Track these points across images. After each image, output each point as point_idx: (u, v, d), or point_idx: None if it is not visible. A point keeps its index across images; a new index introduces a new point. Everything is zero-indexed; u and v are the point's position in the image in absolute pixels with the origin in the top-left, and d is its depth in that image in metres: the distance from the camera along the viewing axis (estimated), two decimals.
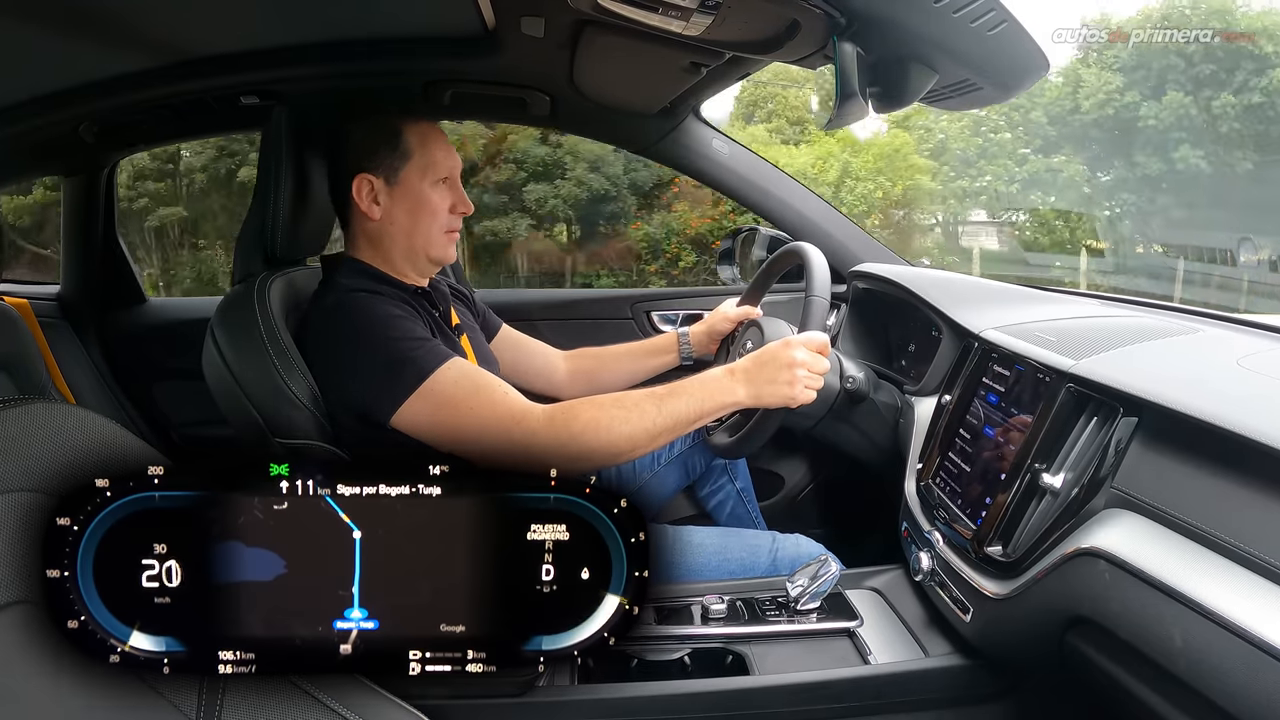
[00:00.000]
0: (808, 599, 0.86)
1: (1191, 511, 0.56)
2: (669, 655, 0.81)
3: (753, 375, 0.86)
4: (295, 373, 0.89)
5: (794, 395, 0.86)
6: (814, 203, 1.46)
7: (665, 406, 0.83)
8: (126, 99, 1.19)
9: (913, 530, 0.91)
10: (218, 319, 0.93)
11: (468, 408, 0.82)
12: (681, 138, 1.40)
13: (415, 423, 0.83)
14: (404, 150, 0.93)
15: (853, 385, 1.07)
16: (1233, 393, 0.64)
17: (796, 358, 0.85)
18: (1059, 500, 0.68)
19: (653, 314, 1.57)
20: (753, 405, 0.88)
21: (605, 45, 1.03)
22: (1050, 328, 0.87)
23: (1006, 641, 0.76)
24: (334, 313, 0.89)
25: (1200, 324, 0.93)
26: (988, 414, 0.85)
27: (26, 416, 0.44)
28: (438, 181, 0.95)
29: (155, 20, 0.99)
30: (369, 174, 0.93)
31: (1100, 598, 0.60)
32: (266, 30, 1.07)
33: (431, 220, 0.95)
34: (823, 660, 0.82)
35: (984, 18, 0.67)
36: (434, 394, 0.82)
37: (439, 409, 0.83)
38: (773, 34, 0.84)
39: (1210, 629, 0.49)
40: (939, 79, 0.80)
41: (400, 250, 0.96)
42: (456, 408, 0.82)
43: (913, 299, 1.12)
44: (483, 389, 0.84)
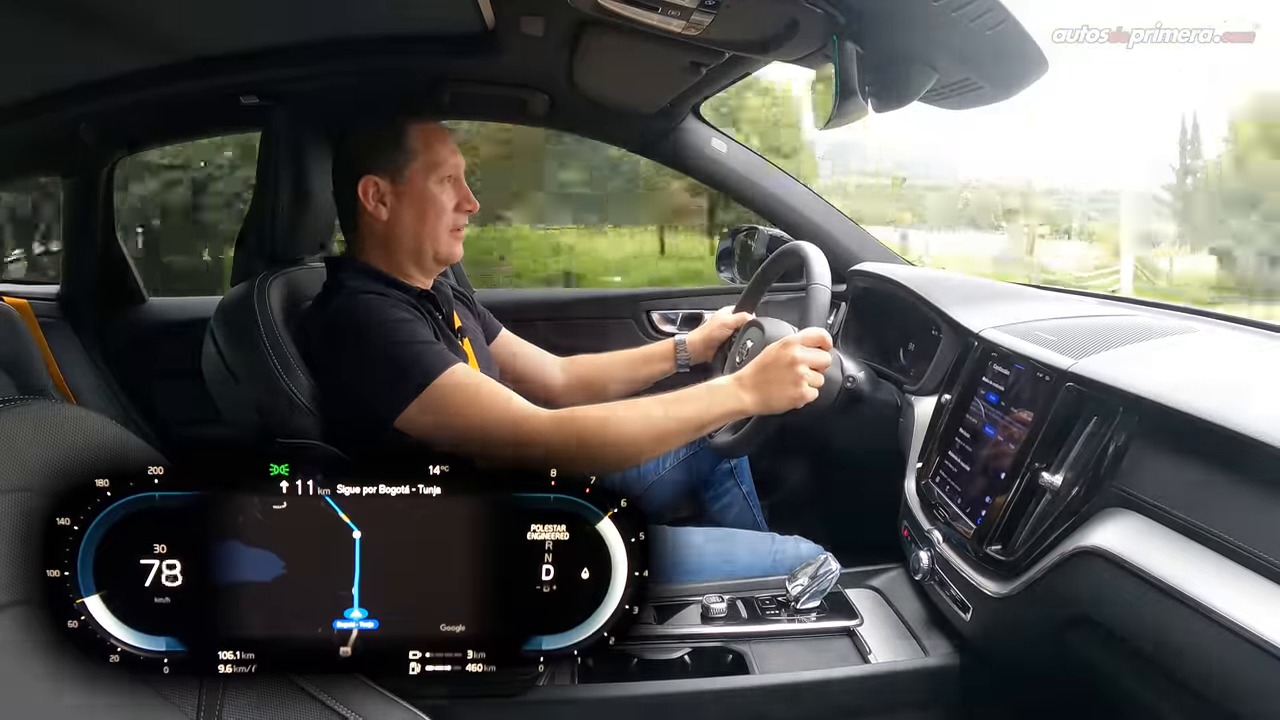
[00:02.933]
0: (808, 598, 0.86)
1: (1191, 510, 0.56)
2: (669, 654, 0.81)
3: (759, 381, 0.86)
4: (295, 372, 0.89)
5: (801, 394, 0.85)
6: (813, 202, 1.46)
7: (672, 412, 0.83)
8: (126, 99, 1.19)
9: (913, 529, 0.91)
10: (218, 319, 0.93)
11: (472, 411, 0.83)
12: (681, 137, 1.40)
13: (419, 425, 0.84)
14: (409, 150, 0.94)
15: (852, 384, 1.07)
16: (1232, 392, 0.64)
17: (798, 356, 0.85)
18: (1059, 499, 0.68)
19: (653, 313, 1.57)
20: (762, 411, 0.87)
21: (605, 45, 1.03)
22: (1050, 327, 0.87)
23: (1006, 640, 0.76)
24: (340, 313, 0.89)
25: (1200, 323, 0.93)
26: (987, 413, 0.85)
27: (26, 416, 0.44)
28: (443, 180, 0.95)
29: (155, 20, 0.98)
30: (375, 175, 0.93)
31: (1100, 597, 0.60)
32: (266, 30, 1.07)
33: (438, 219, 0.95)
34: (822, 659, 0.82)
35: (983, 17, 0.67)
36: (439, 397, 0.83)
37: (444, 412, 0.83)
38: (772, 33, 0.84)
39: (1209, 627, 0.49)
40: (939, 78, 0.80)
41: (407, 250, 0.96)
42: (461, 411, 0.83)
43: (912, 298, 1.12)
44: (487, 393, 0.84)
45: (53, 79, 1.15)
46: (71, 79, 1.16)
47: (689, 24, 0.82)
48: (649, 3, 0.78)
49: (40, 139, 1.33)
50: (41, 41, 0.98)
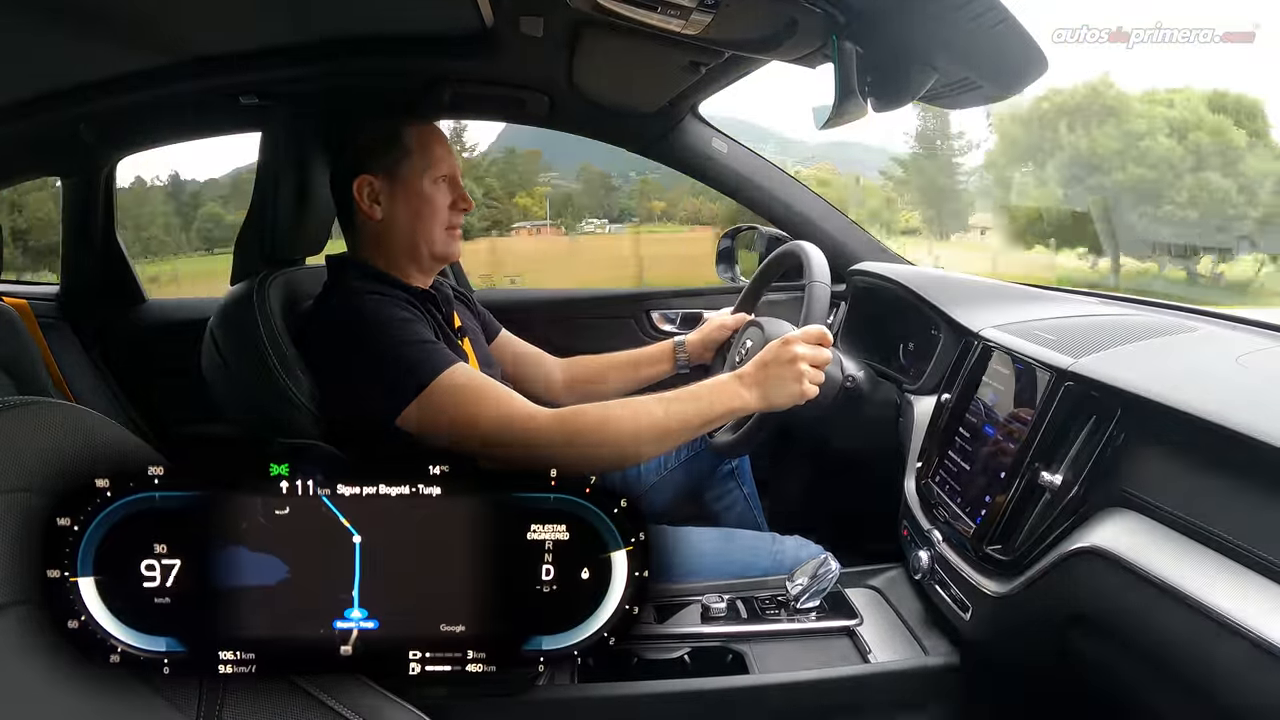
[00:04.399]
0: (807, 598, 0.86)
1: (1190, 509, 0.56)
2: (669, 654, 0.81)
3: (760, 379, 0.86)
4: (295, 372, 0.89)
5: (802, 391, 0.85)
6: (813, 202, 1.46)
7: (673, 410, 0.83)
8: (126, 99, 1.19)
9: (912, 529, 0.91)
10: (217, 319, 0.93)
11: (473, 410, 0.83)
12: (681, 137, 1.40)
13: (420, 424, 0.84)
14: (404, 150, 0.94)
15: (852, 384, 1.07)
16: (1231, 391, 0.64)
17: (799, 353, 0.85)
18: (1058, 499, 0.68)
19: (652, 313, 1.57)
20: (764, 408, 0.87)
21: (604, 44, 1.03)
22: (1049, 326, 0.87)
23: (1006, 640, 0.76)
24: (341, 313, 0.89)
25: (1199, 322, 0.93)
26: (987, 412, 0.85)
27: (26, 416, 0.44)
28: (438, 179, 0.96)
29: (155, 20, 0.98)
30: (369, 175, 0.93)
31: (1099, 596, 0.60)
32: (266, 30, 1.07)
33: (433, 218, 0.96)
34: (822, 659, 0.82)
35: (982, 16, 0.67)
36: (440, 396, 0.83)
37: (445, 410, 0.83)
38: (771, 33, 0.84)
39: (1209, 626, 0.50)
40: (938, 77, 0.80)
41: (404, 249, 0.96)
42: (462, 410, 0.83)
43: (912, 298, 1.12)
44: (489, 392, 0.84)
45: (53, 79, 1.15)
46: (71, 79, 1.16)
47: (688, 23, 0.82)
48: (648, 2, 0.78)
49: (40, 139, 1.33)
50: (41, 41, 0.98)
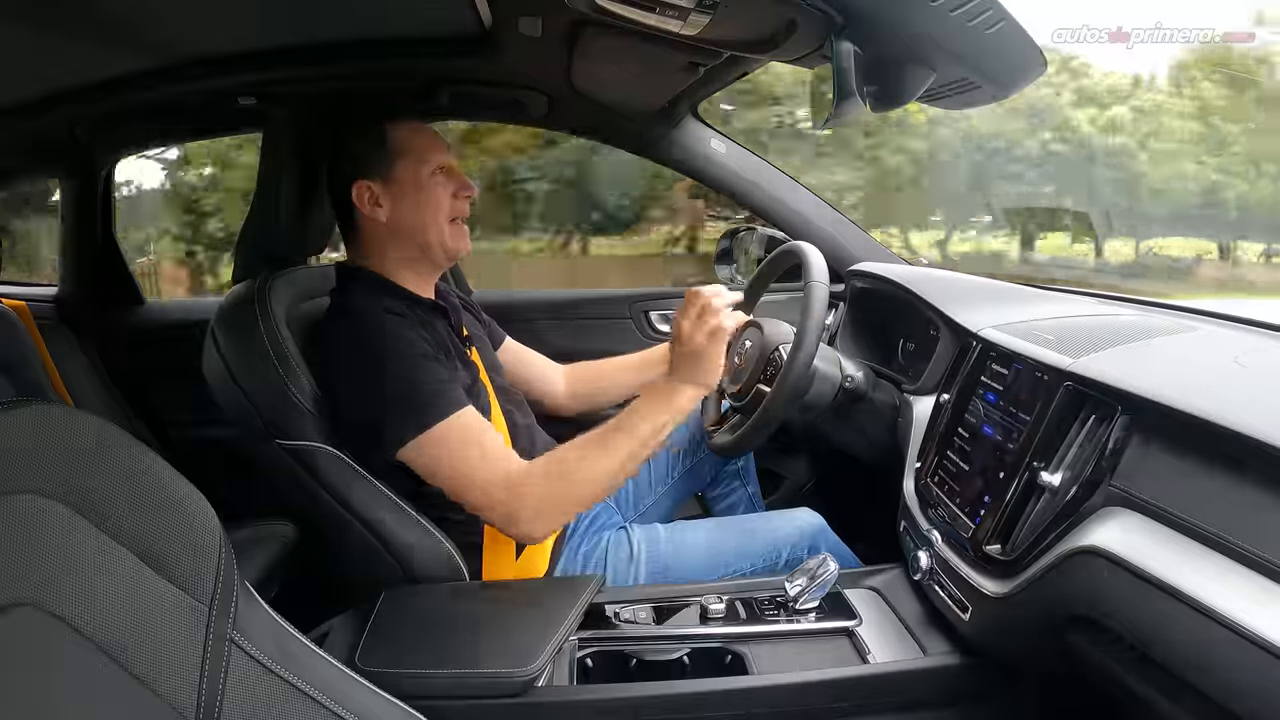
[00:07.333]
0: (806, 598, 0.86)
1: (1190, 509, 0.56)
2: (668, 655, 0.81)
3: (680, 366, 0.89)
4: (297, 374, 0.89)
5: (717, 351, 0.88)
6: (812, 202, 1.46)
7: (629, 430, 0.87)
8: (124, 100, 1.19)
9: (911, 529, 0.91)
10: (219, 320, 0.93)
11: (471, 458, 0.86)
12: (680, 137, 1.40)
13: (415, 459, 0.87)
14: (393, 151, 0.95)
15: (851, 384, 1.07)
16: (1231, 391, 0.64)
17: (687, 326, 0.88)
18: (1057, 499, 0.68)
19: (651, 314, 1.57)
20: (703, 389, 0.89)
21: (603, 45, 1.03)
22: (1048, 326, 0.87)
23: (1005, 640, 0.76)
24: (357, 331, 0.89)
25: (1199, 322, 0.93)
26: (986, 413, 0.85)
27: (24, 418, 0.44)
28: (435, 172, 0.96)
29: (154, 20, 0.98)
30: (365, 179, 0.94)
31: (1099, 596, 0.60)
32: (264, 30, 1.07)
33: (436, 211, 0.96)
34: (821, 659, 0.82)
35: (981, 16, 0.67)
36: (440, 439, 0.86)
37: (439, 453, 0.86)
38: (770, 33, 0.84)
39: (1209, 626, 0.49)
40: (936, 78, 0.80)
41: (414, 248, 0.97)
42: (456, 456, 0.86)
43: (911, 298, 1.12)
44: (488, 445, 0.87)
45: (53, 79, 1.15)
46: (71, 79, 1.16)
47: (686, 24, 0.82)
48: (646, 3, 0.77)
49: (40, 139, 1.33)
50: (41, 42, 0.98)
